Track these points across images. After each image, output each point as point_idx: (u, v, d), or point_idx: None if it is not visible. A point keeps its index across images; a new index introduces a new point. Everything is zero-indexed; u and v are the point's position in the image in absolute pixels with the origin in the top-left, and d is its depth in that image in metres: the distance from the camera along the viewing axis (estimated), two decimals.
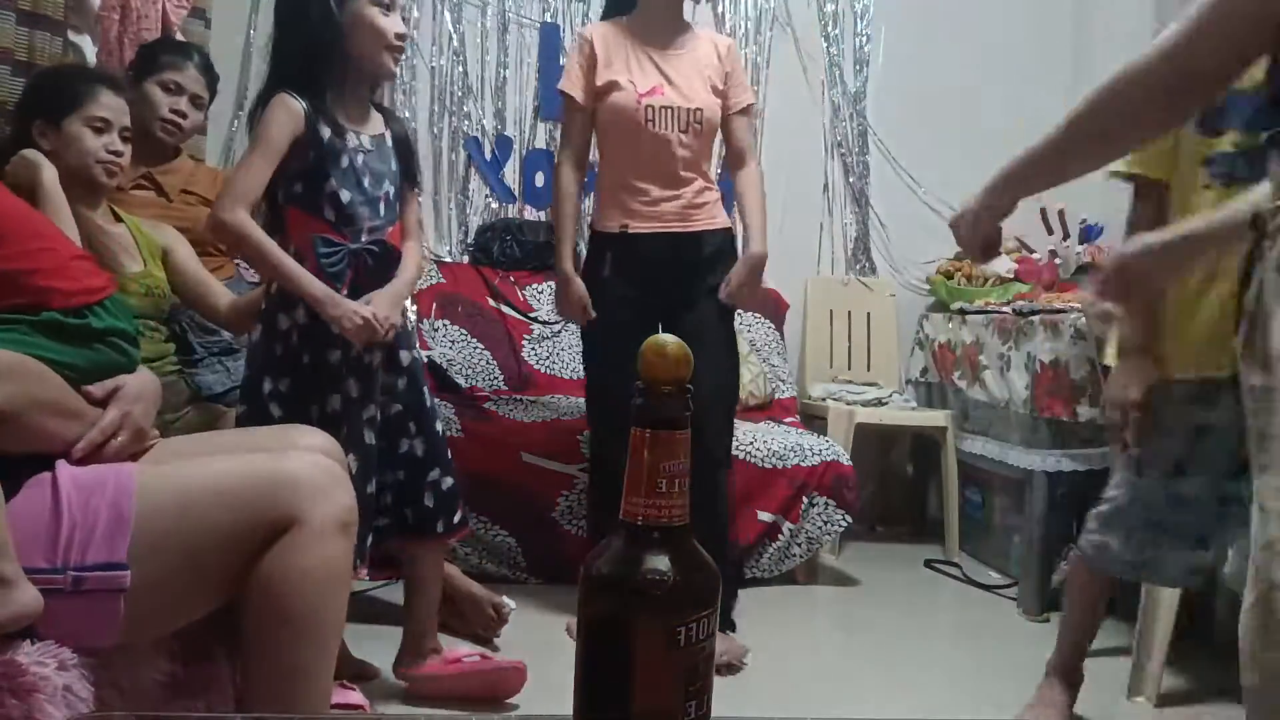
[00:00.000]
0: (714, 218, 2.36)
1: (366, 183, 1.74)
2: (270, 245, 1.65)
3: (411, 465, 1.85)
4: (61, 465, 1.13)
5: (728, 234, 2.39)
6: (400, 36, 1.75)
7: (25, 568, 1.03)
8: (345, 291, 1.71)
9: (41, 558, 1.06)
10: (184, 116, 2.20)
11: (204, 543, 1.13)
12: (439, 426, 1.91)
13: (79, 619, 1.06)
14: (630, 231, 2.31)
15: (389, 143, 1.81)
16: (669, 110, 2.27)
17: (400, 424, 1.84)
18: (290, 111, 1.66)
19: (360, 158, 1.73)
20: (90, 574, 1.06)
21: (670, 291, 2.29)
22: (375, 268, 1.76)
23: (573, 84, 2.33)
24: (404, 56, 1.79)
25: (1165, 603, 2.00)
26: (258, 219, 1.71)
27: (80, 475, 1.12)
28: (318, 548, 1.16)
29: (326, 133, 1.69)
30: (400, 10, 1.77)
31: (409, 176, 1.86)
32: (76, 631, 1.06)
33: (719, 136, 2.40)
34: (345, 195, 1.71)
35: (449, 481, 1.89)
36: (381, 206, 1.77)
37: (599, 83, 2.30)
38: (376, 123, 1.81)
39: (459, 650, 1.96)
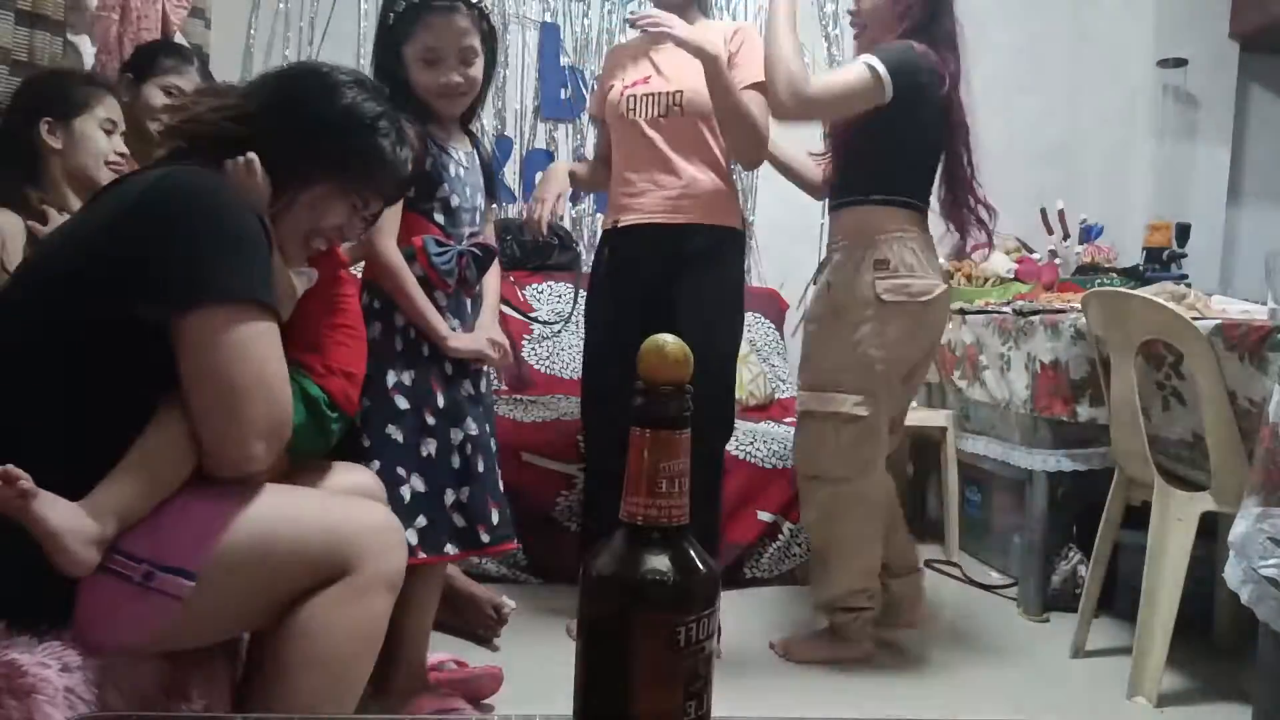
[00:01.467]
0: (711, 213, 2.22)
1: (467, 192, 1.83)
2: (414, 283, 1.73)
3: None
4: None
5: (730, 233, 2.26)
6: (449, 86, 1.76)
7: (113, 546, 1.05)
8: (452, 287, 1.80)
9: (129, 541, 1.06)
10: None
11: (263, 581, 1.13)
12: None
13: (125, 610, 1.06)
14: (620, 225, 2.29)
15: (476, 161, 1.89)
16: (649, 97, 2.23)
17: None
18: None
19: (461, 170, 1.82)
20: (162, 574, 1.07)
21: (656, 289, 2.22)
22: (477, 269, 1.85)
23: (593, 104, 2.41)
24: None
25: (1165, 603, 2.00)
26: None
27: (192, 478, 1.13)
28: (363, 602, 1.16)
29: (440, 142, 1.79)
30: (459, 55, 1.75)
31: (489, 193, 1.94)
32: (115, 620, 1.06)
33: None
34: (455, 200, 1.80)
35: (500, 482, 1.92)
36: (477, 216, 1.87)
37: (605, 91, 2.34)
38: (465, 141, 1.88)
39: (434, 657, 1.87)
